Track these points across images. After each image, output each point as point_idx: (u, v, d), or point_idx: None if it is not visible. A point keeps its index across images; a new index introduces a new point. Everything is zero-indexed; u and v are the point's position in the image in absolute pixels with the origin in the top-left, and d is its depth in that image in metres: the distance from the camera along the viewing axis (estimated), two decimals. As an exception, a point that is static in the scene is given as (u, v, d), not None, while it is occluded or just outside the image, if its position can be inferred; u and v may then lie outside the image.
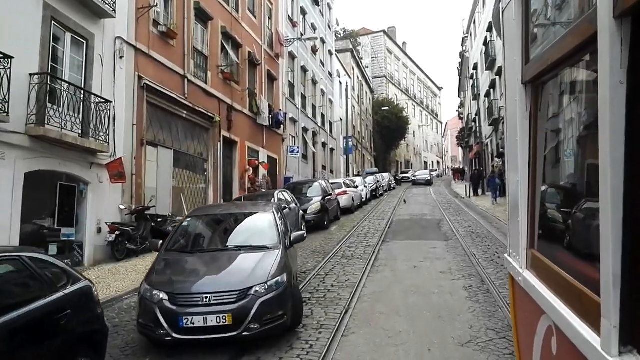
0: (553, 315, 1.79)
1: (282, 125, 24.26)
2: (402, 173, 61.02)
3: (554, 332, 1.82)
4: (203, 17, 17.12)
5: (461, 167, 56.33)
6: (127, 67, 12.74)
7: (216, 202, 16.98)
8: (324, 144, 34.20)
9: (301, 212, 15.16)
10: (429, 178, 46.27)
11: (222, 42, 18.48)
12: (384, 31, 66.77)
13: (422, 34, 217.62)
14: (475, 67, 39.43)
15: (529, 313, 2.21)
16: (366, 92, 54.72)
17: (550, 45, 1.94)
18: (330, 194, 18.64)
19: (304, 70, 29.83)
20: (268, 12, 24.16)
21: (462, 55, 49.01)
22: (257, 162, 21.31)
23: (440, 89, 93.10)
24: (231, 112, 19.03)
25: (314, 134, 31.74)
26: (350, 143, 36.37)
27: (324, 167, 34.07)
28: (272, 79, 23.99)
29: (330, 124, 36.89)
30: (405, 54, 75.33)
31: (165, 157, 14.71)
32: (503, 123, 15.33)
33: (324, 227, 16.60)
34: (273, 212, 7.56)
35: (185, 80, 15.69)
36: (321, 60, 34.43)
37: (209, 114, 17.02)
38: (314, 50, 32.04)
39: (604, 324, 1.33)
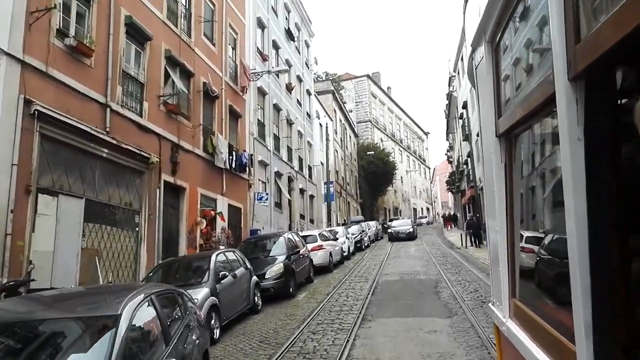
0: None
1: (248, 169, 20.79)
2: (390, 221, 57.53)
3: None
4: (138, 35, 13.91)
5: (452, 213, 53.03)
6: (4, 87, 9.29)
7: (151, 265, 13.17)
8: (302, 191, 30.72)
9: (254, 279, 11.43)
10: (411, 230, 34.15)
11: (165, 67, 15.23)
12: (367, 75, 64.99)
13: (406, 80, 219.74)
14: (464, 106, 36.74)
15: None
16: (350, 136, 51.92)
17: (519, 101, 2.09)
18: (299, 251, 14.96)
19: (277, 108, 26.71)
20: (231, 41, 21.18)
21: (449, 95, 46.68)
22: (213, 212, 17.67)
23: (427, 133, 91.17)
24: (177, 151, 15.56)
25: (290, 180, 28.30)
26: (332, 189, 32.93)
27: (302, 217, 30.44)
28: (235, 115, 20.72)
29: (310, 168, 33.56)
30: (390, 98, 73.51)
31: (71, 209, 11.03)
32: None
33: (288, 296, 12.85)
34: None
35: (108, 110, 12.27)
36: (298, 100, 31.48)
37: (144, 154, 13.52)
38: (289, 88, 29.08)
39: None
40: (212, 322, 8.87)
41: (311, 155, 34.28)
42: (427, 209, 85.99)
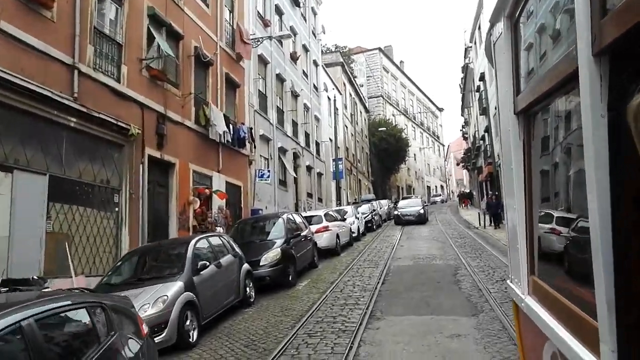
0: (556, 341, 1.82)
1: (247, 144, 19.12)
2: (403, 199, 55.74)
3: (558, 358, 1.83)
4: (113, -12, 12.19)
5: (468, 191, 51.07)
6: None
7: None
8: (309, 168, 29.02)
9: (245, 267, 9.84)
10: (421, 211, 29.19)
11: (148, 27, 13.49)
12: (379, 48, 62.52)
13: (420, 55, 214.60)
14: (482, 78, 34.51)
15: (534, 339, 2.23)
16: (360, 112, 49.88)
17: (539, 78, 2.09)
18: (301, 234, 13.33)
19: (280, 79, 24.86)
20: (228, 2, 19.31)
21: (465, 68, 44.32)
22: (208, 190, 16.08)
23: (440, 110, 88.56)
24: (163, 123, 13.91)
25: (295, 156, 26.59)
26: (341, 166, 31.14)
27: (309, 195, 28.80)
28: (233, 85, 18.98)
29: (317, 144, 31.78)
30: (403, 72, 71.02)
31: (31, 187, 9.46)
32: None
33: (287, 285, 11.27)
34: None
35: (76, 72, 10.59)
36: (304, 71, 29.54)
37: (122, 124, 11.89)
38: (294, 58, 27.16)
39: (602, 350, 1.37)
40: (187, 322, 7.31)
41: (319, 131, 32.47)
42: (442, 186, 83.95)
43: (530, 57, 2.32)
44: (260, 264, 10.74)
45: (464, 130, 54.35)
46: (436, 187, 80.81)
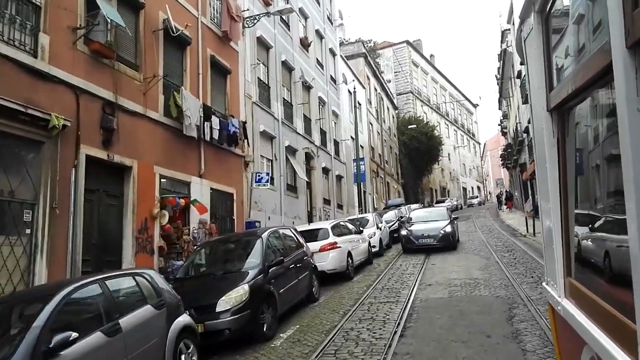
0: (595, 346, 1.77)
1: (241, 142, 15.70)
2: (437, 202, 51.48)
3: None
4: None
5: (508, 191, 46.26)
6: None
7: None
8: (325, 170, 25.42)
9: (177, 326, 6.27)
10: (448, 229, 17.42)
11: (87, -12, 10.26)
12: (407, 41, 58.47)
13: (450, 50, 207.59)
14: (523, 62, 30.31)
15: (572, 343, 2.18)
16: (388, 108, 45.97)
17: (572, 73, 2.03)
18: (287, 258, 9.67)
19: (288, 67, 21.41)
20: (214, -28, 15.99)
21: (502, 54, 39.85)
22: (184, 200, 12.71)
23: (475, 105, 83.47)
24: (113, 114, 10.60)
25: (309, 157, 23.06)
26: (363, 167, 27.37)
27: (326, 202, 25.18)
28: (221, 70, 15.63)
29: (336, 143, 28.17)
30: (434, 67, 66.68)
31: None
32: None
33: (258, 338, 7.66)
34: None
35: (-49, 38, 7.41)
36: (318, 60, 26.01)
37: (37, 114, 8.61)
38: (305, 44, 23.67)
39: None
40: None
41: (338, 128, 28.87)
42: (478, 188, 78.91)
43: (562, 52, 2.28)
44: (217, 310, 7.20)
45: (502, 124, 49.67)
46: (472, 188, 75.85)
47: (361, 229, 15.95)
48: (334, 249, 12.45)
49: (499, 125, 52.74)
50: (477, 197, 66.71)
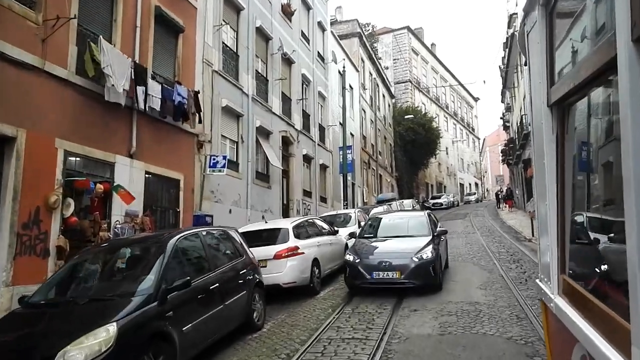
0: (586, 344, 1.77)
1: (193, 116, 12.73)
2: (432, 198, 48.62)
3: None
4: None
5: (508, 189, 43.12)
6: None
7: None
8: (307, 158, 22.45)
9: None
10: (426, 255, 9.52)
11: None
12: (407, 27, 55.25)
13: (452, 42, 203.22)
14: (533, 47, 27.39)
15: (563, 341, 2.18)
16: (383, 95, 42.91)
17: (574, 68, 2.00)
18: (222, 271, 6.74)
19: (263, 36, 18.40)
20: None
21: (508, 41, 36.86)
22: (103, 186, 9.75)
23: (476, 100, 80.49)
24: (-18, 62, 7.66)
25: (286, 142, 20.11)
26: (350, 156, 24.37)
27: (307, 194, 22.24)
28: (171, 27, 12.64)
29: (322, 129, 25.20)
30: (435, 56, 63.50)
31: None
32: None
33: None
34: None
35: None
36: (303, 33, 22.95)
37: None
38: (287, 12, 20.60)
39: (634, 352, 1.34)
40: None
41: (324, 112, 25.88)
42: (476, 184, 76.10)
43: (565, 46, 2.24)
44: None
45: (504, 118, 46.77)
46: (470, 184, 73.03)
47: (336, 229, 13.00)
48: (293, 255, 9.53)
49: (500, 118, 49.86)
50: (474, 193, 63.88)
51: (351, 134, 30.07)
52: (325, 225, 12.36)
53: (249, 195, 16.00)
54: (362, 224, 15.70)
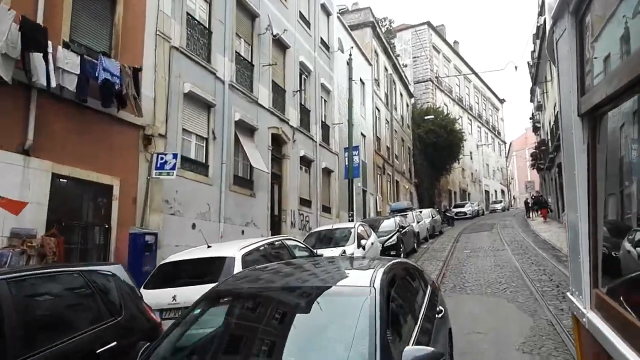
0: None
1: (134, 100, 9.62)
2: (455, 207, 44.85)
3: None
4: None
5: (541, 197, 38.77)
6: None
7: None
8: (305, 160, 19.22)
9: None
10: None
11: None
12: (428, 23, 51.77)
13: (475, 40, 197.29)
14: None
15: (595, 356, 2.14)
16: (401, 94, 39.45)
17: (607, 77, 1.96)
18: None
19: (247, 11, 15.29)
20: None
21: (538, 32, 33.11)
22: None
23: (502, 101, 76.28)
24: None
25: (279, 141, 16.92)
26: (357, 158, 20.98)
27: (304, 202, 18.97)
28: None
29: (326, 128, 21.95)
30: (457, 54, 59.79)
31: None
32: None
33: None
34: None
35: None
36: (302, 14, 19.78)
37: None
38: (280, -12, 17.48)
39: None
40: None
41: (329, 109, 22.61)
42: (502, 191, 71.76)
43: (596, 55, 2.20)
44: None
45: (534, 118, 42.80)
46: (496, 192, 68.78)
47: (320, 252, 9.56)
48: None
49: (530, 119, 45.80)
50: (501, 201, 59.73)
51: (362, 134, 26.76)
52: (300, 246, 9.05)
53: (222, 206, 12.84)
54: (363, 242, 12.40)
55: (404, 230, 17.42)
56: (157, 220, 10.39)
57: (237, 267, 6.60)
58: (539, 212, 32.15)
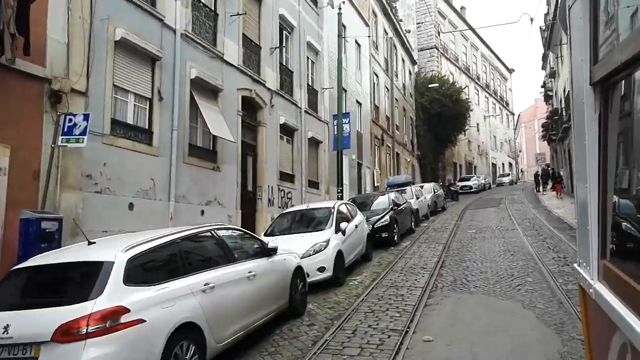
0: (627, 331, 1.69)
1: (16, 41, 7.20)
2: (460, 180, 42.42)
3: (628, 350, 1.72)
4: None
5: (554, 170, 35.88)
6: None
7: None
8: (287, 129, 16.77)
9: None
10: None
11: None
12: (433, -14, 48.35)
13: (483, 7, 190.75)
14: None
15: (602, 328, 2.12)
16: (403, 60, 36.61)
17: (621, 44, 1.93)
18: None
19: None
20: None
21: (556, -11, 30.06)
22: None
23: (511, 71, 72.92)
24: None
25: (253, 106, 14.48)
26: (347, 127, 18.39)
27: (286, 177, 16.61)
28: None
29: (313, 92, 19.42)
30: (464, 20, 56.34)
31: None
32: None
33: None
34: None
35: None
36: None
37: None
38: None
39: None
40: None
41: (317, 71, 20.02)
42: (510, 164, 69.10)
43: (610, 22, 2.13)
44: None
45: (546, 86, 39.92)
46: (503, 164, 66.13)
47: (273, 245, 7.17)
48: (111, 331, 3.98)
49: (541, 87, 42.93)
50: (508, 174, 57.25)
51: (357, 101, 24.22)
52: (246, 238, 6.73)
53: (173, 181, 10.52)
54: (344, 225, 10.09)
55: (399, 208, 15.08)
56: (73, 201, 8.10)
57: (116, 279, 4.27)
58: (553, 187, 29.52)
